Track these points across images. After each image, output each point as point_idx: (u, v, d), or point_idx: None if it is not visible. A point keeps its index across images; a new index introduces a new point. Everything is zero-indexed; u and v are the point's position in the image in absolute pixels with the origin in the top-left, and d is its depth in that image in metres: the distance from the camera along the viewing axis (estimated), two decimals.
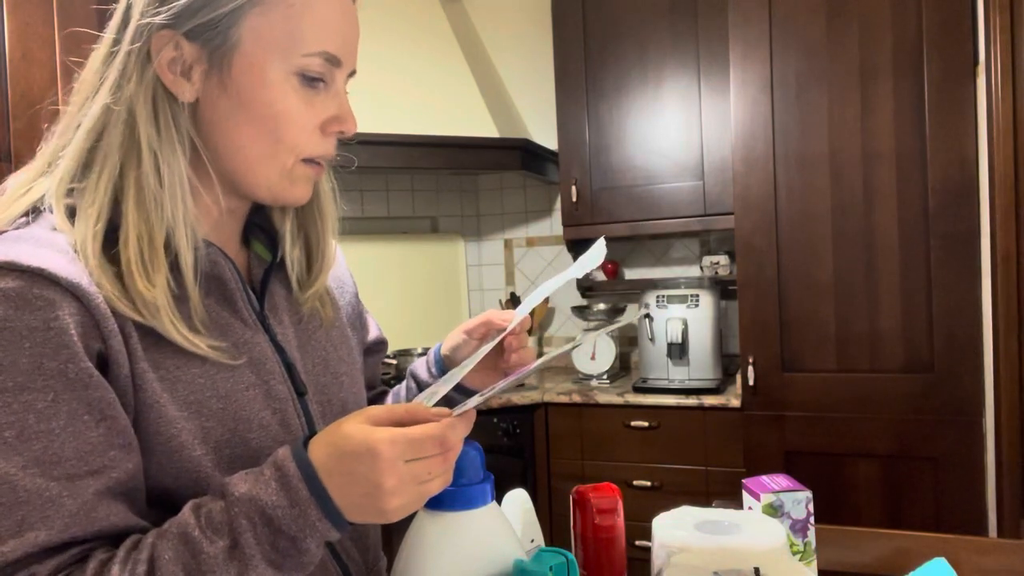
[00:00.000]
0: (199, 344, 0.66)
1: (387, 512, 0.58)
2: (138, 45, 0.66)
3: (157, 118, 0.66)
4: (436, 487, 0.60)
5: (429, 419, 0.60)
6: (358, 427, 0.58)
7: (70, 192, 0.67)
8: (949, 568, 0.83)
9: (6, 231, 0.65)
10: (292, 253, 0.81)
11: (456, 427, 0.60)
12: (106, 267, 0.63)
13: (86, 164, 0.67)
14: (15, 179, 0.71)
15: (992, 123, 1.82)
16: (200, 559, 0.56)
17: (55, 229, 0.65)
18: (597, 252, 0.82)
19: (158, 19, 0.65)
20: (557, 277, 0.83)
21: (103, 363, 0.61)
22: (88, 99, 0.68)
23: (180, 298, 0.67)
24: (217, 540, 0.57)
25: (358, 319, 0.95)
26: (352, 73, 0.74)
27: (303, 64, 0.68)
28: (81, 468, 0.58)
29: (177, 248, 0.66)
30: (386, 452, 0.57)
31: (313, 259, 0.82)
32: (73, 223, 0.65)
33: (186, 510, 0.60)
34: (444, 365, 0.94)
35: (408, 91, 2.65)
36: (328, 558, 0.75)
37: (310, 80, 0.69)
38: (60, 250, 0.62)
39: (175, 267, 0.67)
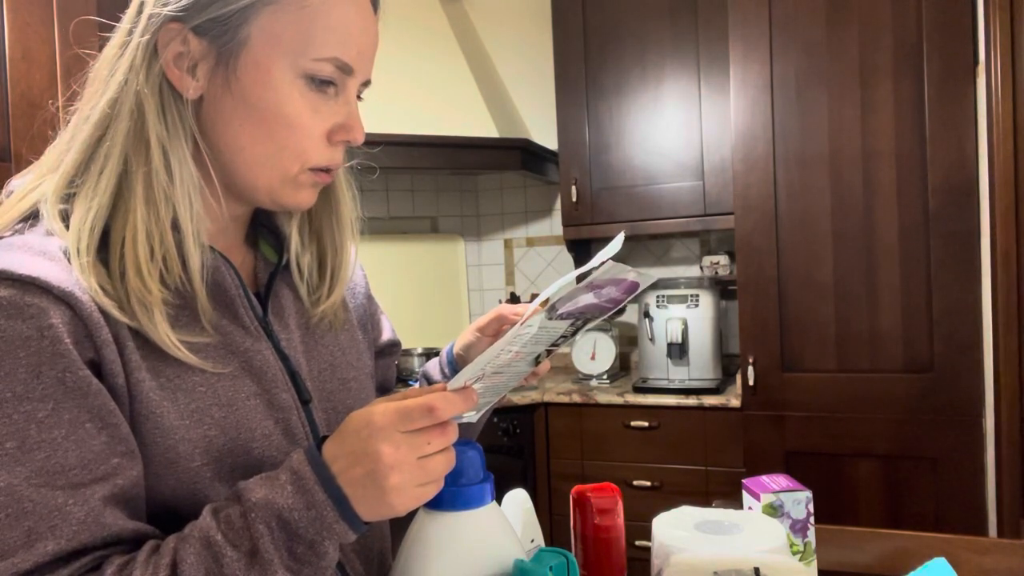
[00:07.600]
0: (186, 352, 0.64)
1: (389, 490, 0.57)
2: (147, 38, 0.65)
3: (165, 114, 0.65)
4: (439, 465, 0.59)
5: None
6: (359, 410, 0.59)
7: (69, 193, 0.65)
8: (949, 568, 0.83)
9: (1, 237, 0.64)
10: (302, 259, 0.79)
11: (449, 399, 0.59)
12: (98, 265, 0.62)
13: (90, 159, 0.65)
14: (21, 179, 0.69)
15: (992, 123, 1.82)
16: (223, 563, 0.56)
17: (48, 233, 0.63)
18: (614, 246, 0.81)
19: (167, 10, 0.64)
20: (574, 272, 0.80)
21: (96, 372, 0.60)
22: (99, 91, 0.66)
23: (187, 299, 0.66)
24: (238, 545, 0.56)
25: (369, 320, 0.92)
26: (367, 83, 0.72)
27: (312, 68, 0.66)
28: (86, 476, 0.57)
29: (185, 248, 0.65)
30: (379, 420, 0.57)
31: (327, 267, 0.80)
32: (68, 225, 0.63)
33: (206, 514, 0.59)
34: (457, 365, 0.92)
35: (408, 91, 2.64)
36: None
37: (318, 84, 0.67)
38: (53, 257, 0.61)
39: (184, 268, 0.66)
